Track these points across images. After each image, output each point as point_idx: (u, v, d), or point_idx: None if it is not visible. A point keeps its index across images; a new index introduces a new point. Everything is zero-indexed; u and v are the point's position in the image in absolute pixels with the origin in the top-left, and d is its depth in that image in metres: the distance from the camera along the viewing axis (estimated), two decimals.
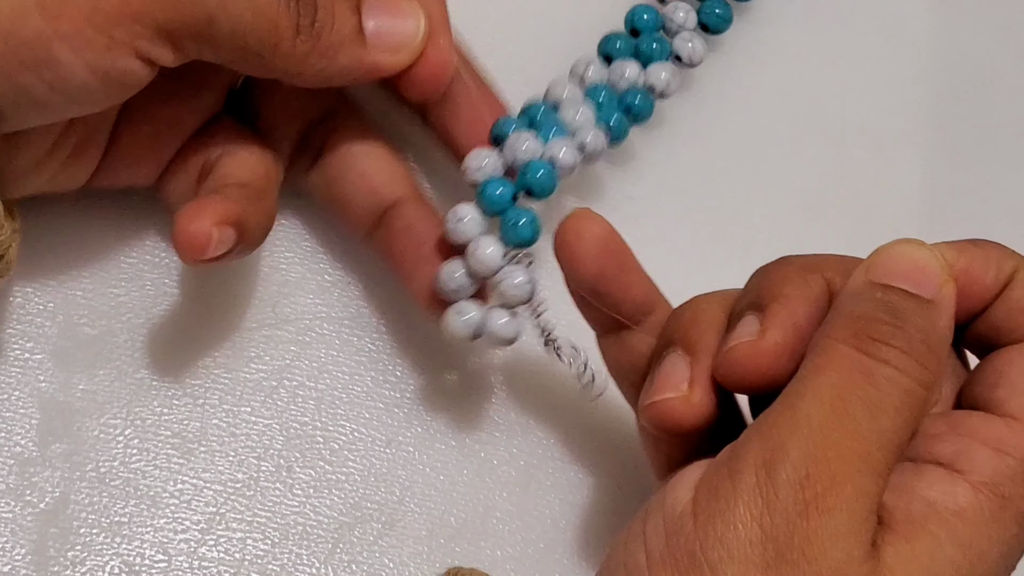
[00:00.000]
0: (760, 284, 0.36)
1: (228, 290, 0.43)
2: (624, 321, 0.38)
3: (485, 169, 0.40)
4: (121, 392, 0.41)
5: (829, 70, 0.50)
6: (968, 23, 0.51)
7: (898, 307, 0.33)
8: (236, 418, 0.42)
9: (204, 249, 0.37)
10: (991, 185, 0.49)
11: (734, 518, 0.31)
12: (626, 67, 0.44)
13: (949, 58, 0.51)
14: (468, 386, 0.44)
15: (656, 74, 0.44)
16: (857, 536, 0.31)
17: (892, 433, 0.32)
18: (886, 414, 0.32)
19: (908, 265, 0.33)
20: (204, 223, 0.37)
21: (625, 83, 0.44)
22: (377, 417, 0.43)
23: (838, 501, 0.31)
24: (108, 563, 0.40)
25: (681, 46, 0.45)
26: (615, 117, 0.43)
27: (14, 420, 0.41)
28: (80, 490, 0.40)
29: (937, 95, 0.50)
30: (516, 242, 0.40)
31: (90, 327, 0.42)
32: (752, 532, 0.31)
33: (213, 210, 0.37)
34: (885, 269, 0.34)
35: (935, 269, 0.33)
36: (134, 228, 0.43)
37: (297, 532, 0.41)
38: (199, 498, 0.41)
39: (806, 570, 0.31)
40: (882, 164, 0.49)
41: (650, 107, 0.44)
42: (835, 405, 0.32)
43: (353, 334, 0.43)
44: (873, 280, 0.33)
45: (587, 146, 0.41)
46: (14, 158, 0.37)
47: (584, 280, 0.37)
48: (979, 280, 0.35)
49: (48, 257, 0.42)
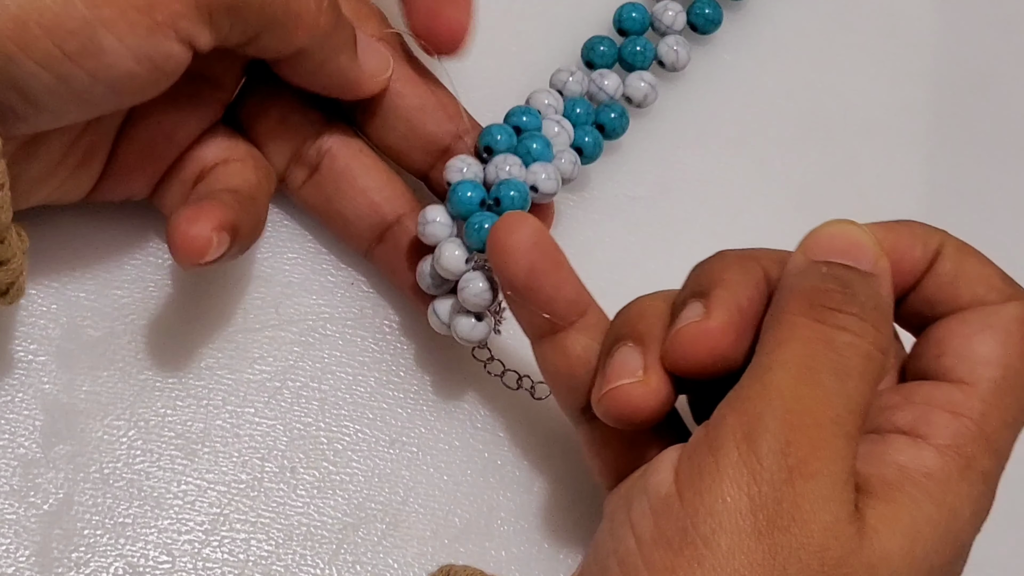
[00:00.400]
0: (700, 275, 0.36)
1: (232, 291, 0.43)
2: (557, 322, 0.38)
3: (465, 174, 0.41)
4: (125, 393, 0.42)
5: (830, 69, 0.50)
6: (969, 21, 0.51)
7: (845, 278, 0.34)
8: (240, 419, 0.42)
9: (203, 253, 0.37)
10: (992, 183, 0.49)
11: (721, 491, 0.32)
12: (605, 78, 0.45)
13: (950, 56, 0.51)
14: (471, 387, 0.44)
15: (635, 84, 0.45)
16: (841, 498, 0.32)
17: (858, 396, 0.33)
18: (851, 377, 0.33)
19: (844, 242, 0.35)
20: (204, 227, 0.37)
21: (603, 96, 0.45)
22: (381, 417, 0.43)
23: (820, 465, 0.32)
24: (112, 564, 0.40)
25: (666, 52, 0.46)
26: (589, 138, 0.44)
27: (18, 422, 0.41)
28: (84, 491, 0.40)
29: (938, 93, 0.50)
30: (478, 246, 0.40)
31: (94, 329, 0.42)
32: (741, 502, 0.32)
33: (211, 215, 0.37)
34: (823, 247, 0.35)
35: (869, 244, 0.35)
36: (137, 231, 0.43)
37: (301, 533, 0.41)
38: (203, 499, 0.41)
39: (797, 534, 0.31)
40: (884, 163, 0.49)
41: (625, 124, 0.45)
42: (803, 373, 0.33)
43: (356, 335, 0.43)
44: (814, 258, 0.34)
45: (563, 171, 0.42)
46: (30, 165, 0.38)
47: (516, 277, 0.37)
48: (908, 256, 0.36)
49: (51, 260, 0.42)
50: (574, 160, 0.43)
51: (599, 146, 0.44)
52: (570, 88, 0.44)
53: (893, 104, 0.50)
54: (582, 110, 0.44)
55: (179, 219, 0.37)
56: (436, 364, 0.43)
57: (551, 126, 0.43)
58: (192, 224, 0.37)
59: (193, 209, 0.38)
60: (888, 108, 0.50)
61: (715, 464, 0.32)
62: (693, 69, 0.48)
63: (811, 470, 0.32)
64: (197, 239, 0.37)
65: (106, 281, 0.42)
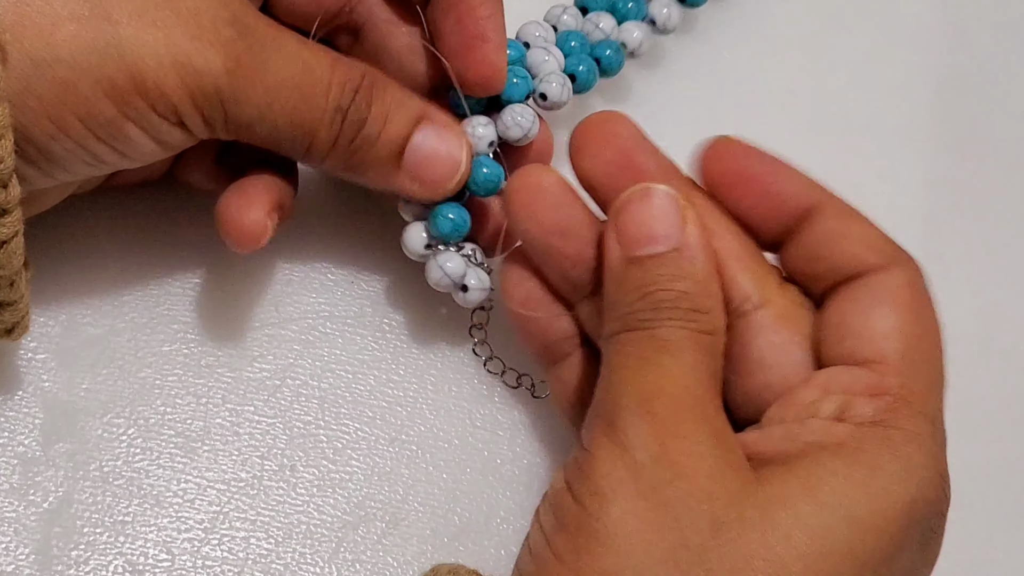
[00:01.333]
0: None
1: (231, 289, 0.43)
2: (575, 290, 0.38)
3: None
4: (124, 391, 0.42)
5: (829, 66, 0.50)
6: (969, 18, 0.51)
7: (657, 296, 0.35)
8: (239, 417, 0.42)
9: (260, 239, 0.38)
10: (992, 181, 0.49)
11: (600, 471, 0.33)
12: (601, 19, 0.44)
13: (950, 54, 0.51)
14: (471, 385, 0.44)
15: (629, 32, 0.44)
16: (717, 452, 0.33)
17: (701, 365, 0.34)
18: (685, 352, 0.34)
19: (647, 227, 0.35)
20: (258, 212, 0.38)
21: (599, 34, 0.44)
22: (380, 416, 0.43)
23: (688, 426, 0.33)
24: (112, 562, 0.40)
25: (657, 11, 0.45)
26: (584, 66, 0.42)
27: (17, 419, 0.41)
28: (83, 489, 0.40)
29: (937, 91, 0.50)
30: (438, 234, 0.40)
31: (93, 326, 0.42)
32: (620, 473, 0.33)
33: (262, 199, 0.39)
34: (630, 237, 0.35)
35: (672, 216, 0.35)
36: (137, 228, 0.43)
37: (301, 531, 0.41)
38: (202, 497, 0.41)
39: (681, 486, 0.33)
40: (884, 161, 0.49)
41: (620, 61, 0.44)
42: (641, 364, 0.34)
43: (356, 333, 0.43)
44: (626, 255, 0.35)
45: (550, 94, 0.41)
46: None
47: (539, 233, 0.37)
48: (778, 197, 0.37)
49: (51, 257, 0.42)
50: (563, 82, 0.41)
51: (592, 74, 0.43)
52: (565, 23, 0.43)
53: (892, 102, 0.50)
54: (577, 43, 0.43)
55: (230, 207, 0.38)
56: (436, 362, 0.43)
57: (540, 54, 0.42)
58: (245, 211, 0.38)
59: (242, 195, 0.39)
60: (887, 106, 0.50)
61: (590, 454, 0.34)
62: (688, 65, 0.48)
63: (680, 431, 0.33)
64: (254, 225, 0.38)
65: (106, 279, 0.42)
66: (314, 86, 0.37)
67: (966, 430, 0.45)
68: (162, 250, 0.43)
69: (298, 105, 0.37)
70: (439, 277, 0.41)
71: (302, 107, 0.37)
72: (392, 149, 0.39)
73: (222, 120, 0.36)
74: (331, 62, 0.38)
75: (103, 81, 0.34)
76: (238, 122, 0.37)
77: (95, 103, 0.35)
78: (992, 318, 0.47)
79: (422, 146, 0.39)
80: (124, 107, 0.35)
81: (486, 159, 0.40)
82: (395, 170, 0.39)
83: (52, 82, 0.34)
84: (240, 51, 0.36)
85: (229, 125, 0.37)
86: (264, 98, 0.36)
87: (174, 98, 0.35)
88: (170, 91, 0.35)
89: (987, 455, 0.45)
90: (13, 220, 0.35)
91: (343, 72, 0.38)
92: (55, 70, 0.34)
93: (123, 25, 0.34)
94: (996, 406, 0.46)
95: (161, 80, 0.35)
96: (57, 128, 0.35)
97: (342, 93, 0.38)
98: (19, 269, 0.36)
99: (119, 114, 0.35)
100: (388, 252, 0.44)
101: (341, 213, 0.44)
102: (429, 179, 0.39)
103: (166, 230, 0.43)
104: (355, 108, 0.38)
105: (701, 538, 0.32)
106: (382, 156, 0.39)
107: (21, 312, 0.37)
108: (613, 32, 0.44)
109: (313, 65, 0.37)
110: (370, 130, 0.38)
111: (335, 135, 0.38)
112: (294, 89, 0.37)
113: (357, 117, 0.38)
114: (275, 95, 0.36)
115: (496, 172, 0.40)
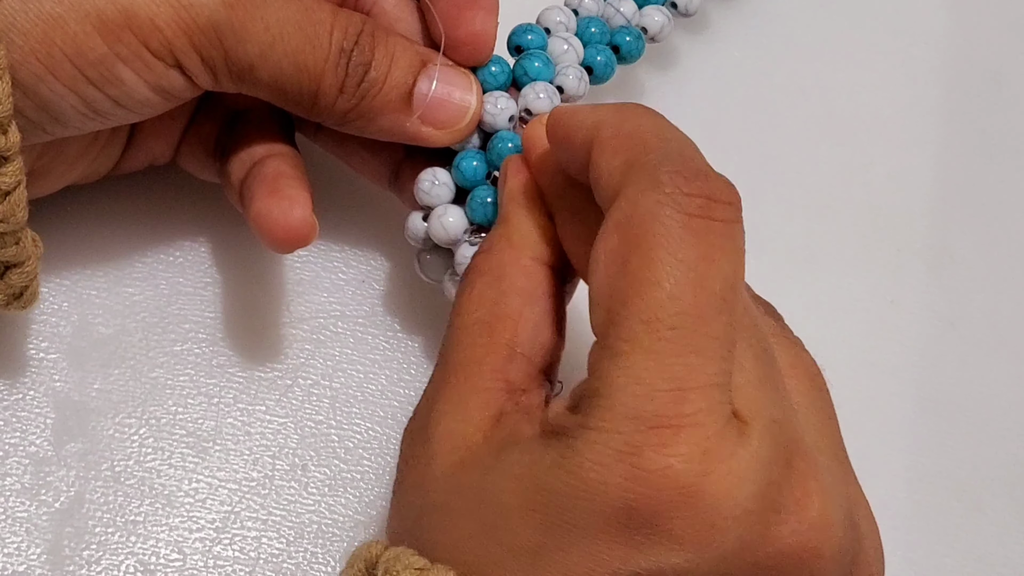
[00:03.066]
0: None
1: (242, 289, 0.43)
2: None
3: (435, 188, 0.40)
4: (136, 391, 0.42)
5: (840, 66, 0.50)
6: (979, 18, 0.51)
7: None
8: (251, 417, 0.42)
9: (310, 236, 0.38)
10: (1002, 181, 0.49)
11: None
12: (622, 3, 0.44)
13: (960, 54, 0.51)
14: None
15: (651, 16, 0.44)
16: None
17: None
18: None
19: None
20: (304, 211, 0.38)
21: (620, 19, 0.43)
22: (392, 415, 0.43)
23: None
24: (123, 562, 0.40)
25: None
26: (602, 57, 0.42)
27: (29, 420, 0.41)
28: (95, 489, 0.40)
29: (948, 91, 0.50)
30: (481, 220, 0.39)
31: (105, 326, 0.42)
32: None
33: (301, 195, 0.38)
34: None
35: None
36: (148, 228, 0.43)
37: (312, 531, 0.41)
38: (214, 497, 0.41)
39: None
40: (894, 161, 0.49)
41: (641, 48, 0.43)
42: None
43: (367, 332, 0.43)
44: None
45: (567, 87, 0.41)
46: (68, 146, 0.38)
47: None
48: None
49: (62, 257, 0.42)
50: (580, 76, 0.41)
51: (611, 66, 0.42)
52: (586, 7, 0.43)
53: (903, 102, 0.50)
54: (597, 29, 0.42)
55: (271, 209, 0.38)
56: None
57: (560, 43, 0.41)
58: (288, 211, 0.37)
59: (277, 195, 0.38)
60: (898, 106, 0.50)
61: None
62: (700, 66, 0.48)
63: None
64: (303, 224, 0.37)
65: (117, 279, 0.42)
66: (316, 26, 0.37)
67: (977, 429, 0.46)
68: (173, 251, 0.43)
69: (301, 45, 0.36)
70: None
71: (306, 47, 0.36)
72: (400, 91, 0.38)
73: (222, 60, 0.36)
74: (331, 7, 0.37)
75: (92, 15, 0.33)
76: (239, 64, 0.36)
77: (84, 39, 0.34)
78: (1003, 317, 0.47)
79: (430, 87, 0.38)
80: (115, 44, 0.34)
81: (510, 134, 0.40)
82: (405, 115, 0.38)
83: (39, 17, 0.33)
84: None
85: (231, 67, 0.36)
86: (265, 36, 0.36)
87: (168, 33, 0.34)
88: (164, 25, 0.34)
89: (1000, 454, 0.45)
90: (14, 169, 0.34)
91: (344, 17, 0.37)
92: (42, 3, 0.33)
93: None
94: (1007, 405, 0.46)
95: (154, 13, 0.34)
96: (45, 68, 0.34)
97: (344, 36, 0.37)
98: (23, 224, 0.35)
99: (110, 52, 0.34)
100: (399, 252, 0.44)
101: (352, 212, 0.44)
102: (441, 120, 0.39)
103: (177, 230, 0.43)
104: (359, 50, 0.37)
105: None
106: (391, 99, 0.38)
107: (30, 275, 0.36)
108: (634, 17, 0.44)
109: (314, 7, 0.37)
110: (376, 72, 0.38)
111: (341, 78, 0.37)
112: (296, 28, 0.36)
113: (362, 60, 0.37)
114: (276, 33, 0.36)
115: (519, 144, 0.39)
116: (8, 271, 0.36)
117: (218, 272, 0.43)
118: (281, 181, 0.38)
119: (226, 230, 0.43)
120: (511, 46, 0.41)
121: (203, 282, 0.43)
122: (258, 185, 0.38)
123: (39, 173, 0.38)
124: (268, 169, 0.39)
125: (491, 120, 0.39)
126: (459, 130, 0.39)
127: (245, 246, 0.43)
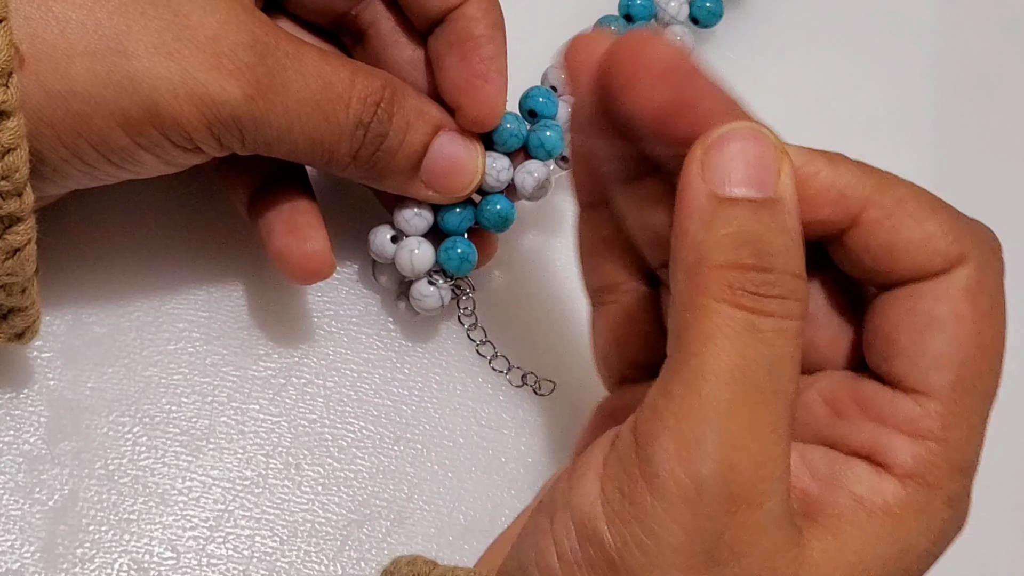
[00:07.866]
0: None
1: (236, 288, 0.43)
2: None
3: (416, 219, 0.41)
4: (130, 390, 0.42)
5: (834, 67, 0.50)
6: (974, 19, 0.51)
7: (757, 239, 0.30)
8: (244, 416, 0.42)
9: (331, 268, 0.40)
10: (997, 182, 0.49)
11: (655, 524, 0.29)
12: None
13: (955, 55, 0.51)
14: (475, 384, 0.44)
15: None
16: (781, 522, 0.30)
17: (791, 386, 0.30)
18: (784, 371, 0.30)
19: (744, 167, 0.30)
20: (321, 243, 0.39)
21: None
22: (385, 414, 0.43)
23: (763, 487, 0.29)
24: (117, 560, 0.40)
25: (671, 37, 0.45)
26: None
27: (23, 418, 0.41)
28: (89, 487, 0.40)
29: (942, 92, 0.50)
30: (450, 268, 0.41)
31: (99, 325, 0.42)
32: (676, 537, 0.29)
33: (317, 229, 0.40)
34: (722, 175, 0.30)
35: (770, 158, 0.31)
36: (142, 227, 0.43)
37: (306, 529, 0.41)
38: (207, 495, 0.41)
39: (735, 567, 0.29)
40: (887, 162, 0.49)
41: None
42: (737, 379, 0.29)
43: (361, 332, 0.43)
44: (712, 192, 0.30)
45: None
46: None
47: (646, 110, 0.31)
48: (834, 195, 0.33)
49: (56, 256, 0.42)
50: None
51: None
52: None
53: (897, 103, 0.50)
54: None
55: (291, 247, 0.39)
56: (440, 361, 0.43)
57: (567, 109, 0.42)
58: (307, 245, 0.39)
59: (294, 230, 0.39)
60: (892, 107, 0.50)
61: (648, 492, 0.29)
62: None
63: (754, 496, 0.29)
64: (323, 258, 0.39)
65: (111, 277, 0.43)
66: (335, 102, 0.37)
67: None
68: (167, 249, 0.43)
69: (319, 124, 0.37)
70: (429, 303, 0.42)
71: (323, 125, 0.37)
72: (412, 159, 0.39)
73: (240, 143, 0.37)
74: (351, 75, 0.37)
75: (117, 114, 0.34)
76: (256, 144, 0.37)
77: (109, 134, 0.35)
78: None
79: (441, 155, 0.39)
80: (138, 137, 0.35)
81: (500, 197, 0.41)
82: (412, 177, 0.40)
83: (66, 113, 0.34)
84: (260, 75, 0.36)
85: (247, 146, 0.37)
86: (284, 119, 0.36)
87: (189, 128, 0.35)
88: (185, 122, 0.35)
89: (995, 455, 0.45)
90: (26, 228, 0.35)
91: (363, 85, 0.38)
92: (70, 103, 0.34)
93: (138, 58, 0.34)
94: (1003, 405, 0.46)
95: (177, 112, 0.35)
96: (71, 153, 0.35)
97: (363, 108, 0.37)
98: (31, 276, 0.36)
99: (132, 143, 0.35)
100: None
101: (345, 212, 0.44)
102: (445, 187, 0.40)
103: (172, 229, 0.43)
104: (377, 122, 0.38)
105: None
106: (401, 166, 0.39)
107: (32, 317, 0.37)
108: None
109: (333, 81, 0.37)
110: (391, 142, 0.38)
111: (356, 149, 0.38)
112: (315, 108, 0.37)
113: (379, 131, 0.38)
114: (295, 116, 0.36)
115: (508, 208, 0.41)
116: (11, 313, 0.37)
117: (212, 271, 0.43)
118: (292, 216, 0.40)
119: (220, 230, 0.43)
120: (523, 109, 0.42)
121: (197, 281, 0.43)
122: (276, 220, 0.40)
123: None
124: (284, 204, 0.40)
125: (489, 182, 0.41)
126: (460, 196, 0.40)
127: (239, 245, 0.43)
